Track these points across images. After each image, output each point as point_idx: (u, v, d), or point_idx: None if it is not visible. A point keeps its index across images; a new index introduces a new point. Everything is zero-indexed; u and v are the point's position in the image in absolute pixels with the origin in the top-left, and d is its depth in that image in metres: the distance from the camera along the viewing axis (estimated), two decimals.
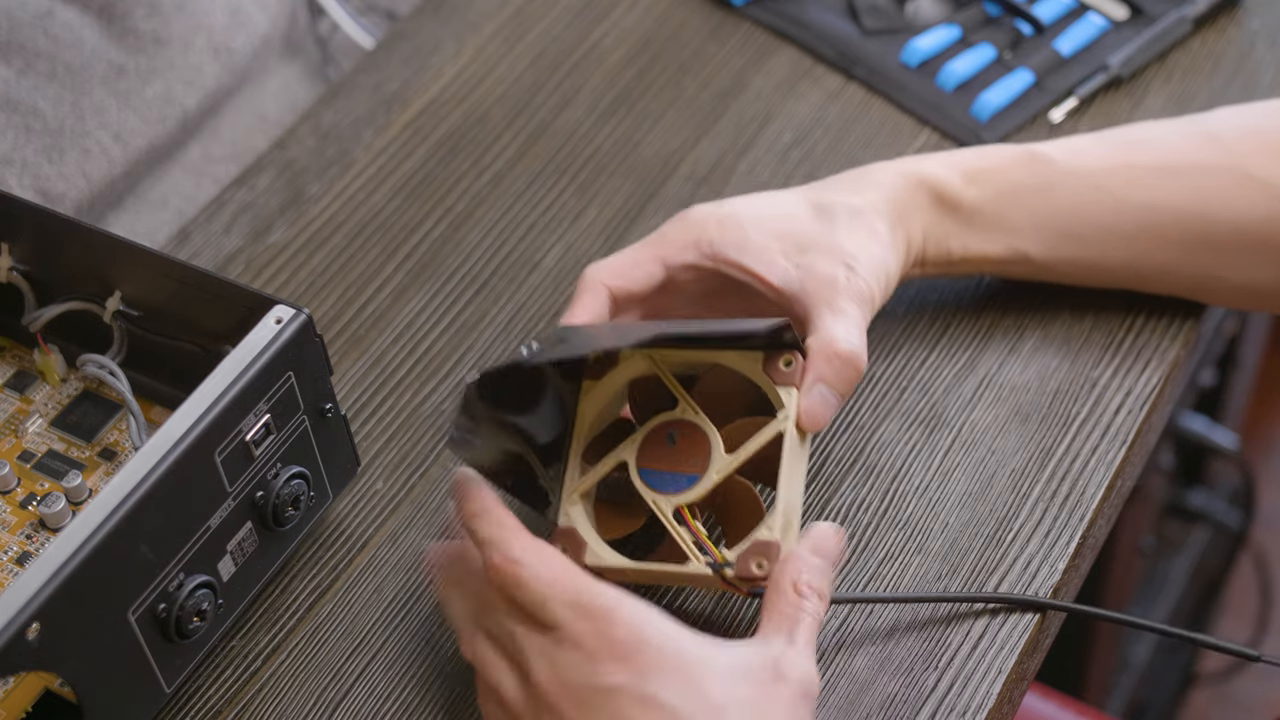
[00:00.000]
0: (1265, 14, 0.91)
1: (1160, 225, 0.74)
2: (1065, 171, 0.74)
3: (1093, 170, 0.74)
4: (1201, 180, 0.73)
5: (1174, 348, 0.76)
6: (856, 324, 0.67)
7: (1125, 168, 0.74)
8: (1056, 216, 0.74)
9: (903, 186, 0.73)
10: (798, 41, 0.92)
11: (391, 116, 0.91)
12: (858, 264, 0.69)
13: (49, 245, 0.71)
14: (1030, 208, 0.74)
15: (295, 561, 0.72)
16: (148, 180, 0.92)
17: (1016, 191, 0.74)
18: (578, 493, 0.66)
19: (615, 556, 0.64)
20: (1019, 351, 0.76)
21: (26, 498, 0.69)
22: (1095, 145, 0.76)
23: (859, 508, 0.71)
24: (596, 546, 0.64)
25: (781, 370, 0.65)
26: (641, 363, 0.67)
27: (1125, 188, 0.74)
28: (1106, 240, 0.74)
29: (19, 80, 0.84)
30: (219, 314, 0.67)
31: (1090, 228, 0.74)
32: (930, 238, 0.74)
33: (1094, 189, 0.74)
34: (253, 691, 0.68)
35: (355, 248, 0.85)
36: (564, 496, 0.66)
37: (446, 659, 0.68)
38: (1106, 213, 0.74)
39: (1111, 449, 0.72)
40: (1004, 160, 0.75)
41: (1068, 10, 0.91)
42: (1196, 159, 0.74)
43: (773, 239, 0.70)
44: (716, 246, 0.70)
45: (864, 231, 0.71)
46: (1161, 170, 0.74)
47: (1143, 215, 0.74)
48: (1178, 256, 0.74)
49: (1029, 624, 0.67)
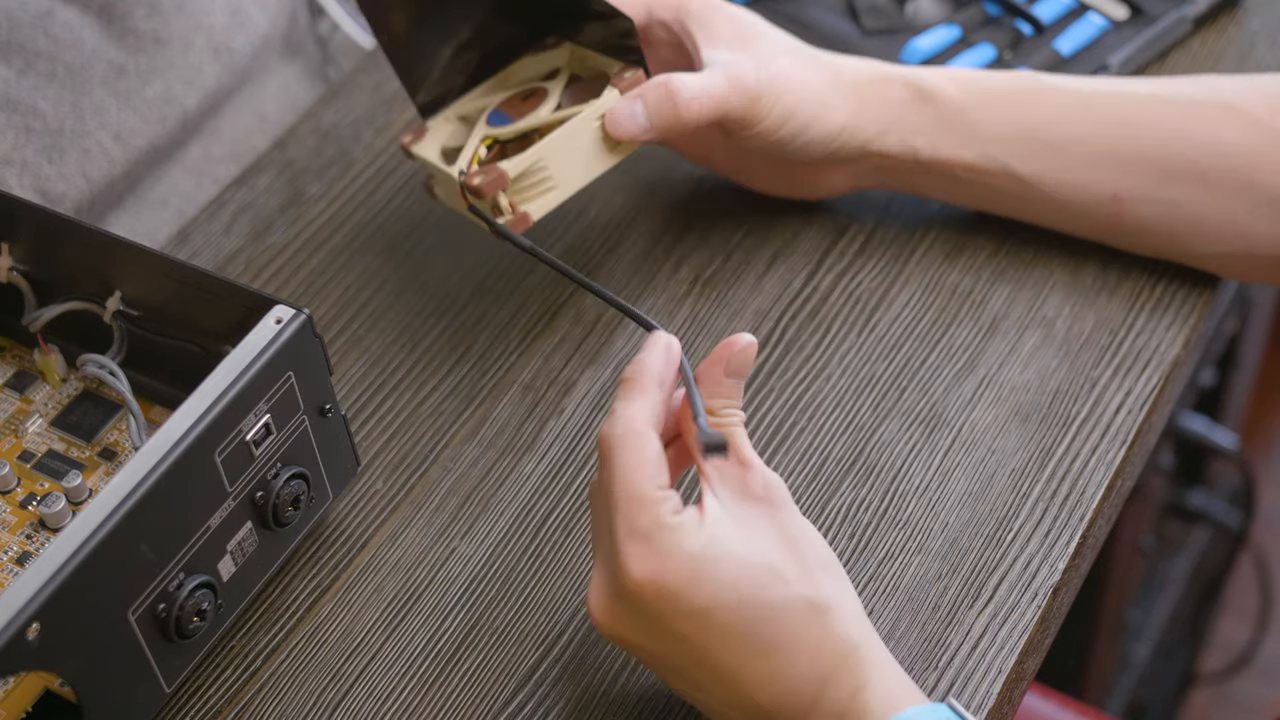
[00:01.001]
0: (1265, 14, 0.91)
1: (1143, 144, 0.75)
2: (1054, 86, 0.76)
3: (1083, 90, 0.76)
4: (1189, 109, 0.75)
5: (1174, 348, 0.76)
6: (713, 87, 0.73)
7: (1115, 91, 0.77)
8: (1040, 126, 0.75)
9: (874, 76, 0.76)
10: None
11: (391, 116, 0.91)
12: (769, 67, 0.74)
13: (49, 245, 0.71)
14: (1013, 114, 0.76)
15: (295, 561, 0.72)
16: (148, 180, 0.92)
17: (1001, 96, 0.76)
18: (455, 114, 0.78)
19: (425, 147, 0.77)
20: (1019, 351, 0.76)
21: (26, 498, 0.69)
22: (1089, 78, 0.79)
23: (859, 508, 0.71)
24: (429, 141, 0.77)
25: (623, 78, 0.74)
26: (564, 54, 0.79)
27: (1113, 106, 0.76)
28: (1089, 156, 0.75)
29: (19, 80, 0.84)
30: (219, 314, 0.67)
31: (1073, 142, 0.75)
32: (894, 131, 0.76)
33: (1082, 105, 0.76)
34: (253, 691, 0.68)
35: (355, 248, 0.85)
36: (448, 110, 0.78)
37: (446, 659, 0.68)
38: (1091, 127, 0.75)
39: (1111, 449, 0.73)
40: (993, 73, 0.77)
41: (1068, 10, 0.91)
42: (1188, 93, 0.76)
43: (732, 39, 0.76)
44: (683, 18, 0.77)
45: (809, 66, 0.76)
46: (1152, 96, 0.76)
47: (1128, 132, 0.75)
48: (1157, 181, 0.75)
49: (1029, 624, 0.67)
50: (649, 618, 0.60)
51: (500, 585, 0.71)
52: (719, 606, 0.59)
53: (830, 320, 0.79)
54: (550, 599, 0.70)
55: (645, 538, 0.59)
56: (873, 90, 0.76)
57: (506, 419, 0.77)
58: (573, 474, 0.74)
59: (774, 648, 0.59)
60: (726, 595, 0.59)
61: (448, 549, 0.72)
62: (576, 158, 0.73)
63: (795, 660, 0.59)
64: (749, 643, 0.59)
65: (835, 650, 0.59)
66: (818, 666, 0.59)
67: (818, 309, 0.79)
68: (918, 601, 0.68)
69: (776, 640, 0.59)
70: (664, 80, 0.73)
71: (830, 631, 0.59)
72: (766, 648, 0.59)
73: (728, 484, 0.61)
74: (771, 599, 0.59)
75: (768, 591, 0.59)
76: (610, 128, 0.73)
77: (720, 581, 0.58)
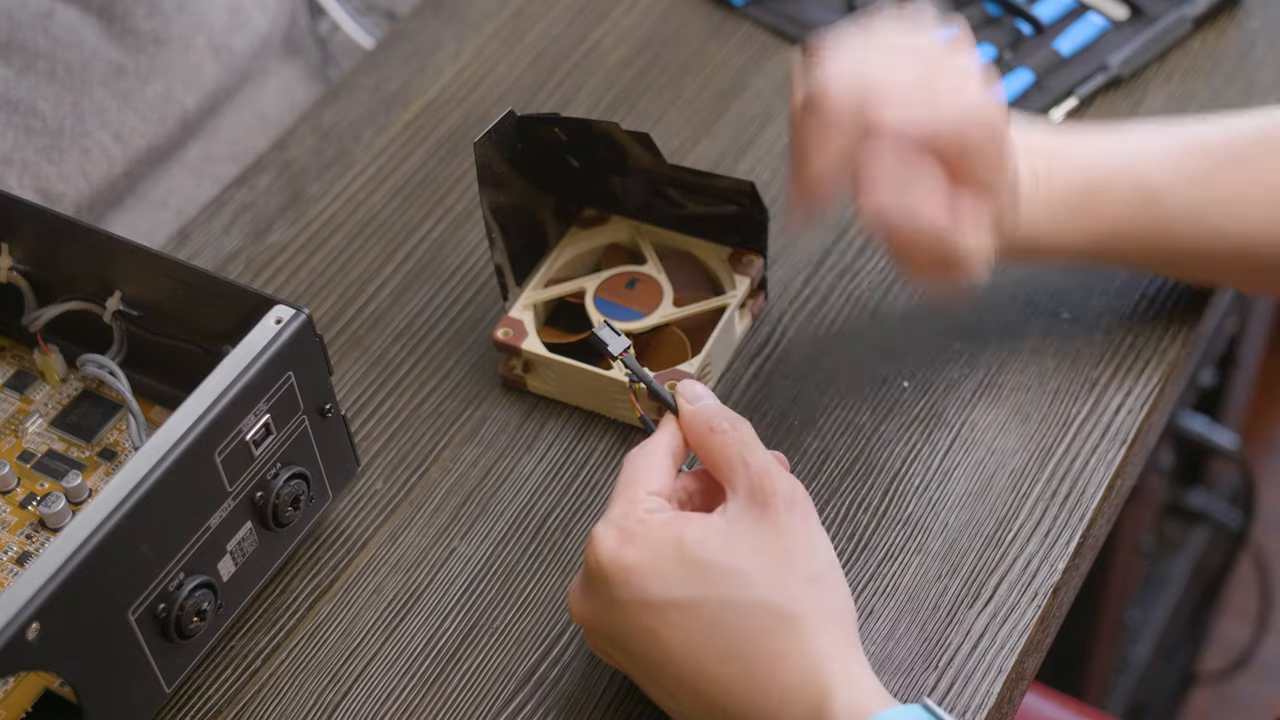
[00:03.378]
0: (1265, 14, 0.91)
1: (1257, 253, 0.73)
2: (1176, 214, 0.72)
3: (1200, 202, 0.72)
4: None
5: (1174, 348, 0.76)
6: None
7: (1232, 199, 0.72)
8: (1160, 252, 0.73)
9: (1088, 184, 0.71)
10: (798, 41, 0.92)
11: (391, 116, 0.91)
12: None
13: (49, 245, 0.71)
14: (1134, 247, 0.73)
15: (295, 561, 0.72)
16: (148, 180, 0.92)
17: (1120, 236, 0.72)
18: (531, 301, 0.77)
19: (547, 350, 0.75)
20: (1019, 352, 0.76)
21: (26, 498, 0.69)
22: (1200, 164, 0.72)
23: (859, 508, 0.71)
24: (534, 337, 0.75)
25: (742, 263, 0.77)
26: (626, 232, 0.79)
27: (1227, 222, 0.72)
28: (1205, 266, 0.74)
29: (19, 80, 0.84)
30: (219, 314, 0.67)
31: (1190, 259, 0.74)
32: (1113, 249, 0.73)
33: (1199, 223, 0.72)
34: (253, 691, 0.68)
35: (355, 248, 0.85)
36: (521, 297, 0.77)
37: (447, 659, 0.68)
38: (1206, 243, 0.73)
39: (1111, 449, 0.72)
40: (1113, 195, 0.71)
41: (1068, 10, 0.91)
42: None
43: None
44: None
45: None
46: (1266, 202, 0.72)
47: (1243, 245, 0.73)
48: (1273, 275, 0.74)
49: (1029, 624, 0.67)
50: (612, 603, 0.60)
51: (500, 585, 0.71)
52: (679, 601, 0.59)
53: (830, 320, 0.79)
54: (550, 599, 0.70)
55: (617, 523, 0.61)
56: (1090, 207, 0.72)
57: (506, 419, 0.77)
58: (573, 474, 0.74)
59: (735, 654, 0.59)
60: (686, 591, 0.59)
61: (448, 549, 0.72)
62: (724, 349, 0.76)
63: (756, 668, 0.58)
64: (709, 645, 0.59)
65: (799, 664, 0.58)
66: (781, 677, 0.58)
67: (818, 309, 0.79)
68: (918, 601, 0.68)
69: (738, 646, 0.59)
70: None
71: (796, 644, 0.59)
72: (726, 653, 0.59)
73: (738, 490, 0.61)
74: (733, 602, 0.59)
75: (730, 593, 0.59)
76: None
77: (680, 578, 0.59)
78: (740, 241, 0.77)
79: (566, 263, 0.79)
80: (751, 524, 0.60)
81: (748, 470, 0.62)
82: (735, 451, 0.62)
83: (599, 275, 0.78)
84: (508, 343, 0.75)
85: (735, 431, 0.63)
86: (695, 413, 0.64)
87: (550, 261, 0.78)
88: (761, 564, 0.59)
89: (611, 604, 0.60)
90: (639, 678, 0.63)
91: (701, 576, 0.59)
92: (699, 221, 0.78)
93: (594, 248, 0.80)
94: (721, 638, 0.59)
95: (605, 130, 0.73)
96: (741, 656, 0.59)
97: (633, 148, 0.74)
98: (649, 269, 0.77)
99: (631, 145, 0.74)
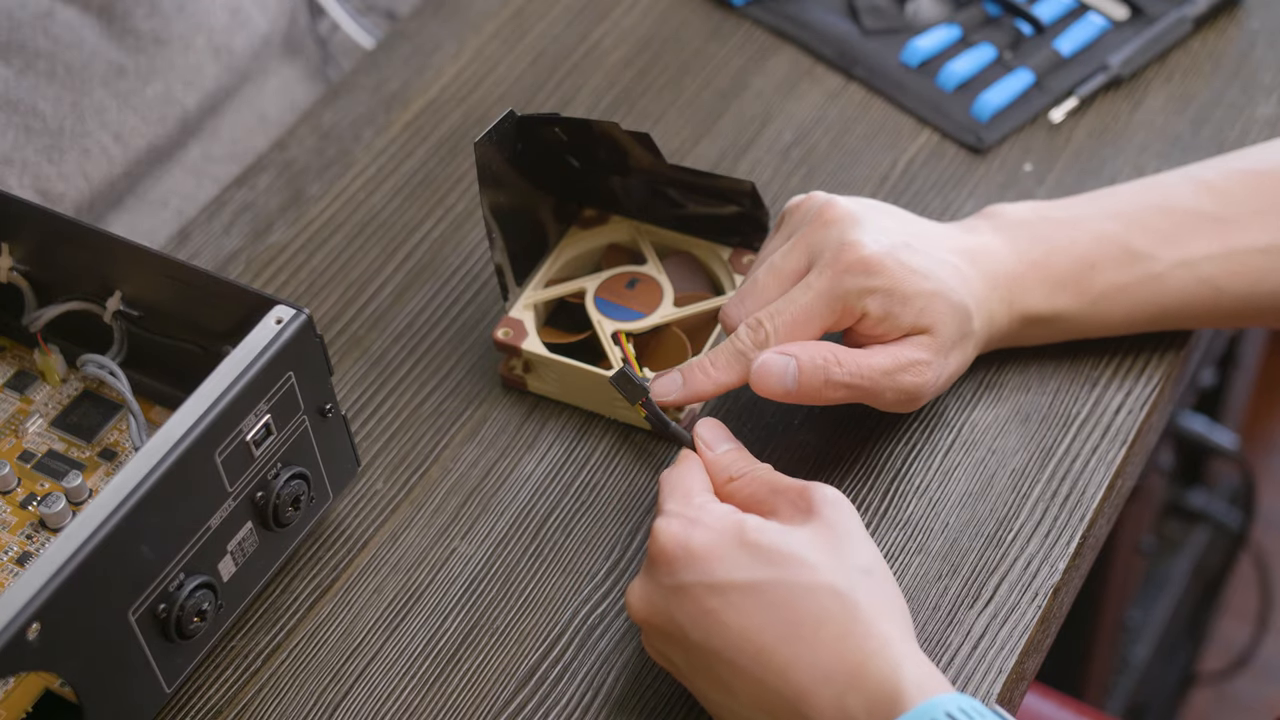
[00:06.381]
0: (1265, 14, 0.91)
1: (1259, 308, 0.73)
2: (1165, 271, 0.72)
3: (1194, 261, 0.72)
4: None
5: (1174, 348, 0.76)
6: (870, 371, 0.68)
7: (1225, 256, 0.72)
8: (1155, 311, 0.73)
9: (998, 312, 0.72)
10: (798, 41, 0.92)
11: (391, 116, 0.91)
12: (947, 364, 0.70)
13: (49, 245, 0.71)
14: (1128, 307, 0.73)
15: (295, 561, 0.72)
16: (148, 180, 0.92)
17: (1110, 297, 0.72)
18: (531, 301, 0.77)
19: (547, 350, 0.75)
20: (1019, 352, 0.76)
21: (26, 498, 0.69)
22: (1195, 230, 0.72)
23: (859, 508, 0.71)
24: (534, 337, 0.75)
25: (742, 264, 0.77)
26: (626, 232, 0.80)
27: (1225, 279, 0.72)
28: (1204, 320, 0.74)
29: (19, 80, 0.84)
30: (219, 314, 0.67)
31: (1188, 317, 0.74)
32: (1005, 338, 0.74)
33: (1196, 283, 0.72)
34: (253, 691, 0.68)
35: (355, 248, 0.85)
36: (521, 297, 0.77)
37: (447, 659, 0.68)
38: (1206, 303, 0.73)
39: (1111, 449, 0.72)
40: (1100, 258, 0.72)
41: (1068, 10, 0.91)
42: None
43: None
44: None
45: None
46: (1263, 253, 0.72)
47: (1243, 304, 0.73)
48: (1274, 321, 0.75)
49: (1029, 624, 0.67)
50: (675, 590, 0.61)
51: (500, 585, 0.71)
52: (741, 584, 0.60)
53: None
54: (550, 599, 0.70)
55: (678, 512, 0.63)
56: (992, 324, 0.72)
57: (507, 419, 0.77)
58: (573, 474, 0.74)
59: (797, 635, 0.59)
60: (749, 574, 0.60)
61: (448, 549, 0.72)
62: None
63: (818, 650, 0.59)
64: (771, 628, 0.59)
65: (862, 646, 0.59)
66: (846, 659, 0.58)
67: None
68: (918, 601, 0.68)
69: (800, 628, 0.59)
70: (827, 358, 0.68)
71: (859, 626, 0.59)
72: (788, 635, 0.59)
73: (780, 508, 0.64)
74: (795, 584, 0.60)
75: (792, 576, 0.60)
76: (756, 383, 0.68)
77: (744, 561, 0.60)
78: (740, 241, 0.78)
79: (566, 263, 0.79)
80: (802, 523, 0.62)
81: (783, 492, 0.64)
82: (762, 486, 0.65)
83: (599, 275, 0.78)
84: (508, 343, 0.75)
85: (754, 470, 0.66)
86: (715, 460, 0.67)
87: (550, 261, 0.79)
88: (820, 553, 0.61)
89: (675, 590, 0.61)
90: (693, 676, 0.63)
91: (764, 559, 0.61)
92: (699, 221, 0.78)
93: (594, 248, 0.80)
94: (783, 620, 0.59)
95: (605, 130, 0.74)
96: (803, 638, 0.59)
97: (633, 148, 0.74)
98: (649, 269, 0.78)
99: (632, 145, 0.74)
